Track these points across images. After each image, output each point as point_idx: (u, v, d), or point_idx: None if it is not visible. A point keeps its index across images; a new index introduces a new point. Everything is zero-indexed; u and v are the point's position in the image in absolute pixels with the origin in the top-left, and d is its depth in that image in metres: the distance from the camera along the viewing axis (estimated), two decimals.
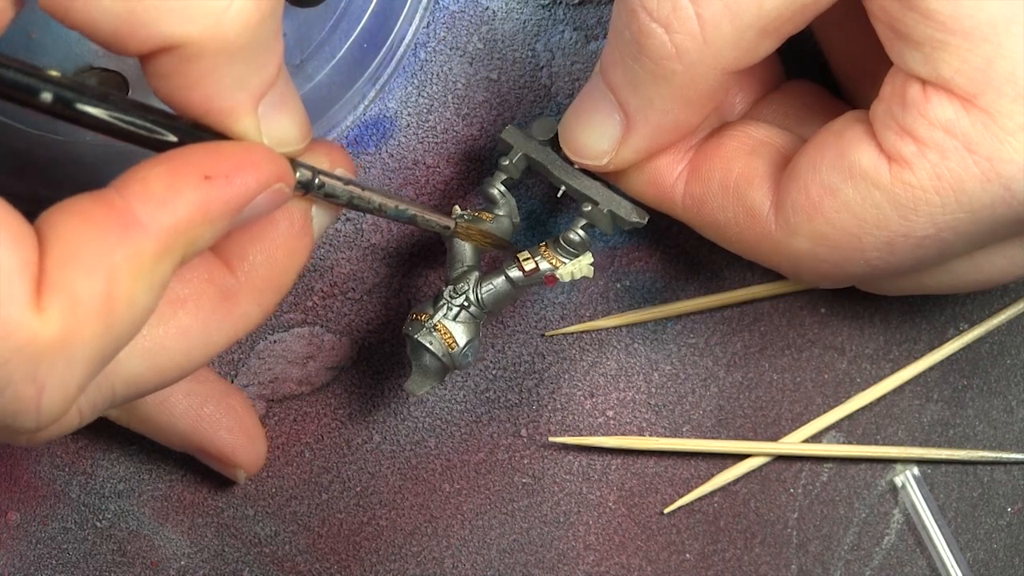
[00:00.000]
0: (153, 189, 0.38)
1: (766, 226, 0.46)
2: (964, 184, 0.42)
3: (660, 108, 0.46)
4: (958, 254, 0.45)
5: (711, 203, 0.47)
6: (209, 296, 0.42)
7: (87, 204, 0.37)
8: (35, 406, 0.37)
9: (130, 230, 0.37)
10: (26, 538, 0.55)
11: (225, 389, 0.53)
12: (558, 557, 0.56)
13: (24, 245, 0.36)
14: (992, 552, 0.57)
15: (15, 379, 0.36)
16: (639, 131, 0.47)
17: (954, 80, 0.42)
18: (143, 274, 0.37)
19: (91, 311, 0.36)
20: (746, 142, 0.47)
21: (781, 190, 0.45)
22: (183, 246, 0.38)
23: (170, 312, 0.41)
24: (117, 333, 0.37)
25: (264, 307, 0.43)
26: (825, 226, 0.44)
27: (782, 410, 0.56)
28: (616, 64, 0.46)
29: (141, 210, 0.37)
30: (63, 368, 0.36)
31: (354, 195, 0.44)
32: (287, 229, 0.43)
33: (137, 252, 0.37)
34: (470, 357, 0.49)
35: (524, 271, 0.49)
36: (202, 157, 0.39)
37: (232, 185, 0.39)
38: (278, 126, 0.42)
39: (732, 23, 0.43)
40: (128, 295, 0.37)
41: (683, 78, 0.45)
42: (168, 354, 0.41)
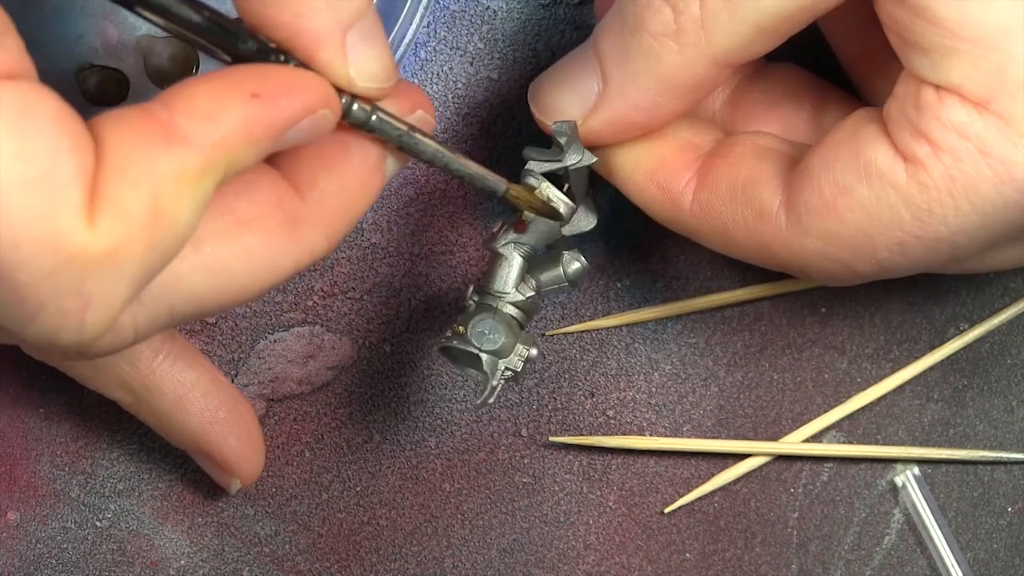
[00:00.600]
0: (199, 105, 0.37)
1: (776, 226, 0.46)
2: (978, 187, 0.42)
3: (642, 86, 0.46)
4: (970, 255, 0.45)
5: (719, 207, 0.47)
6: (277, 220, 0.41)
7: (135, 116, 0.37)
8: (79, 321, 0.36)
9: (175, 144, 0.37)
10: (26, 538, 0.55)
11: (238, 398, 0.53)
12: (558, 557, 0.56)
13: (83, 152, 0.35)
14: (992, 552, 0.57)
15: (61, 292, 0.35)
16: (613, 104, 0.46)
17: (965, 86, 0.42)
18: (187, 190, 0.37)
19: (139, 225, 0.36)
20: (752, 147, 0.47)
21: (793, 189, 0.45)
22: (225, 164, 0.38)
23: (236, 232, 0.40)
24: (162, 249, 0.37)
25: (330, 239, 0.42)
26: (838, 226, 0.44)
27: (782, 410, 0.56)
28: (611, 34, 0.46)
29: (186, 125, 0.37)
30: (109, 283, 0.36)
31: (406, 140, 0.43)
32: (361, 163, 0.43)
33: (182, 167, 0.37)
34: (489, 334, 0.47)
35: (494, 232, 0.48)
36: (249, 76, 0.39)
37: (278, 106, 0.38)
38: (365, 60, 0.41)
39: (730, 13, 0.44)
40: (172, 211, 0.36)
41: (675, 60, 0.45)
42: (231, 274, 0.40)
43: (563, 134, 0.47)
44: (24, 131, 0.34)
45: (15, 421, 0.55)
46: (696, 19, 0.44)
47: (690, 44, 0.44)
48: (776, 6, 0.43)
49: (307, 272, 0.55)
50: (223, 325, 0.55)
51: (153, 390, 0.51)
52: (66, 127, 0.35)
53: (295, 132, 0.39)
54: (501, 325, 0.48)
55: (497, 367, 0.48)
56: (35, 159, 0.34)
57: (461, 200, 0.55)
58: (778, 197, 0.46)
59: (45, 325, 0.36)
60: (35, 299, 0.35)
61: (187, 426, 0.52)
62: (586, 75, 0.47)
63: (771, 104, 0.50)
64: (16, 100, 0.35)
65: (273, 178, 0.42)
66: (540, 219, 0.48)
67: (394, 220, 0.55)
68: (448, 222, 0.55)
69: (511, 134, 0.55)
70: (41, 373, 0.55)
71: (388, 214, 0.55)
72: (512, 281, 0.48)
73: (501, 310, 0.48)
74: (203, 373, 0.52)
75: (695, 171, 0.48)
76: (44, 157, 0.35)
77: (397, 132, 0.42)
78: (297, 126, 0.39)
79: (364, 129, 0.42)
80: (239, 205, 0.40)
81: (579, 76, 0.47)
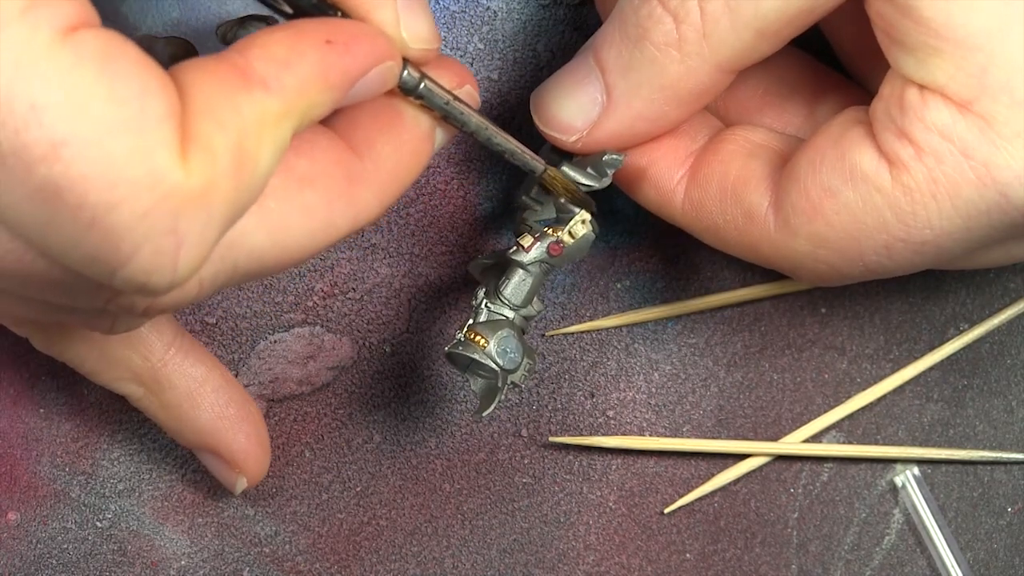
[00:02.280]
0: (275, 51, 0.38)
1: (765, 227, 0.46)
2: (960, 189, 0.42)
3: (647, 96, 0.46)
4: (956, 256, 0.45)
5: (710, 207, 0.47)
6: (336, 178, 0.42)
7: (214, 64, 0.37)
8: (173, 261, 0.36)
9: (255, 89, 0.37)
10: (26, 538, 0.55)
11: (246, 396, 0.53)
12: (558, 557, 0.56)
13: (169, 94, 0.36)
14: (992, 552, 0.57)
15: (156, 231, 0.35)
16: (618, 115, 0.47)
17: (949, 86, 0.42)
18: (268, 134, 0.37)
19: (227, 165, 0.36)
20: (744, 145, 0.48)
21: (780, 191, 0.45)
22: (303, 109, 0.38)
23: (297, 189, 0.41)
24: (247, 190, 0.37)
25: (383, 200, 0.43)
26: (824, 228, 0.44)
27: (782, 410, 0.56)
28: (612, 45, 0.46)
29: (265, 70, 0.37)
30: (201, 221, 0.36)
31: (451, 109, 0.44)
32: (413, 127, 0.44)
33: (263, 110, 0.37)
34: (512, 354, 0.48)
35: (524, 247, 0.49)
36: (321, 26, 0.39)
37: (351, 53, 0.39)
38: (415, 21, 0.42)
39: (731, 20, 0.44)
40: (255, 153, 0.37)
41: (678, 69, 0.45)
42: (291, 232, 0.40)
43: (615, 166, 0.48)
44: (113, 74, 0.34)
45: (15, 421, 0.55)
46: (698, 28, 0.44)
47: (693, 53, 0.44)
48: (776, 11, 0.43)
49: (307, 272, 0.55)
50: (223, 325, 0.55)
51: (164, 383, 0.51)
52: (150, 70, 0.35)
53: (363, 84, 0.40)
54: (522, 344, 0.48)
55: (507, 381, 0.48)
56: (126, 101, 0.35)
57: (461, 200, 0.55)
58: (767, 198, 0.46)
59: (139, 266, 0.36)
60: (130, 241, 0.35)
61: (197, 421, 0.52)
62: (589, 85, 0.47)
63: (767, 94, 0.50)
64: (100, 45, 0.35)
65: (331, 137, 0.42)
66: (574, 244, 0.48)
67: (394, 220, 0.55)
68: (448, 222, 0.55)
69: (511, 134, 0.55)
70: (41, 373, 0.55)
71: (388, 214, 0.55)
72: (530, 296, 0.49)
73: (515, 322, 0.48)
74: (214, 369, 0.52)
75: (687, 168, 0.48)
76: (134, 98, 0.35)
77: (444, 100, 0.44)
78: (366, 77, 0.40)
79: (413, 96, 0.43)
80: (300, 163, 0.41)
81: (581, 87, 0.47)
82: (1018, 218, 0.43)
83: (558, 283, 0.56)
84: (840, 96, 0.50)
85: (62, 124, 0.34)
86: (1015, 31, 0.41)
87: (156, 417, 0.52)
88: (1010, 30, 0.41)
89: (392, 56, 0.41)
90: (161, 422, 0.53)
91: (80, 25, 0.35)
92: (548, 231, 0.48)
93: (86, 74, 0.34)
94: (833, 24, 0.51)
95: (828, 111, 0.49)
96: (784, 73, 0.50)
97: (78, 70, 0.34)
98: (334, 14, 0.41)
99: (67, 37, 0.34)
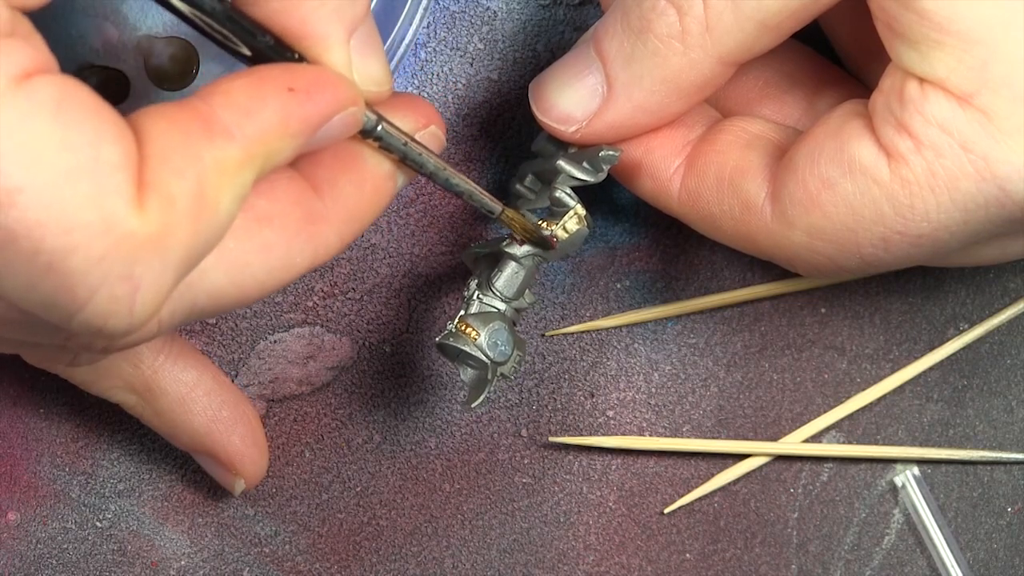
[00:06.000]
0: (237, 98, 0.38)
1: (762, 218, 0.46)
2: (959, 182, 0.42)
3: (648, 88, 0.46)
4: (952, 250, 0.45)
5: (707, 196, 0.47)
6: (295, 217, 0.42)
7: (173, 110, 0.37)
8: (129, 305, 0.36)
9: (217, 136, 0.37)
10: (26, 538, 0.55)
11: (241, 397, 0.53)
12: (558, 557, 0.56)
13: (126, 141, 0.36)
14: (992, 552, 0.57)
15: (111, 276, 0.36)
16: (619, 106, 0.47)
17: (949, 79, 0.42)
18: (228, 181, 0.37)
19: (186, 211, 0.36)
20: (741, 135, 0.48)
21: (778, 182, 0.45)
22: (264, 157, 0.38)
23: (256, 228, 0.41)
24: (205, 236, 0.37)
25: (344, 238, 0.43)
26: (822, 220, 0.44)
27: (782, 410, 0.56)
28: (614, 36, 0.46)
29: (226, 117, 0.37)
30: (158, 267, 0.36)
31: (409, 151, 0.44)
32: (375, 166, 0.43)
33: (224, 158, 0.37)
34: (502, 347, 0.48)
35: (518, 240, 0.49)
36: (283, 73, 0.39)
37: (313, 101, 0.39)
38: (367, 62, 0.42)
39: (734, 13, 0.44)
40: (215, 199, 0.37)
41: (681, 61, 0.45)
42: (251, 270, 0.41)
43: (611, 161, 0.48)
44: (67, 121, 0.35)
45: (15, 421, 0.55)
46: (701, 20, 0.44)
47: (696, 45, 0.45)
48: (779, 4, 0.43)
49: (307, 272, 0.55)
50: (223, 325, 0.55)
51: (156, 390, 0.51)
52: (105, 116, 0.36)
53: (327, 130, 0.40)
54: (513, 337, 0.48)
55: (496, 373, 0.48)
56: (80, 147, 0.35)
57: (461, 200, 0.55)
58: (764, 189, 0.46)
59: (96, 310, 0.36)
60: (86, 285, 0.36)
61: (191, 426, 0.52)
62: (589, 76, 0.47)
63: (766, 85, 0.51)
64: (54, 92, 0.35)
65: (292, 176, 0.42)
66: (568, 239, 0.48)
67: (394, 220, 0.55)
68: (448, 222, 0.55)
69: (511, 134, 0.55)
70: (41, 373, 0.55)
71: (388, 214, 0.55)
72: (522, 289, 0.49)
73: (506, 315, 0.48)
74: (205, 372, 0.52)
75: (684, 158, 0.48)
76: (89, 145, 0.35)
77: (402, 143, 0.43)
78: (329, 124, 0.40)
79: (370, 138, 0.43)
80: (260, 202, 0.41)
81: (582, 77, 0.47)
82: (1016, 212, 0.43)
83: (558, 283, 0.56)
84: (839, 90, 0.50)
85: (17, 171, 0.34)
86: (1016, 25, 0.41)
87: (151, 423, 0.53)
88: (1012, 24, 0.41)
89: (355, 102, 0.41)
90: (156, 428, 0.53)
91: (35, 71, 0.35)
92: (542, 224, 0.48)
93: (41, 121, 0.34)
94: (833, 19, 0.51)
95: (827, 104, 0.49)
96: (784, 66, 0.51)
97: (33, 118, 0.34)
98: (291, 56, 0.41)
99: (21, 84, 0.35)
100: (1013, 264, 0.57)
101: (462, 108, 0.55)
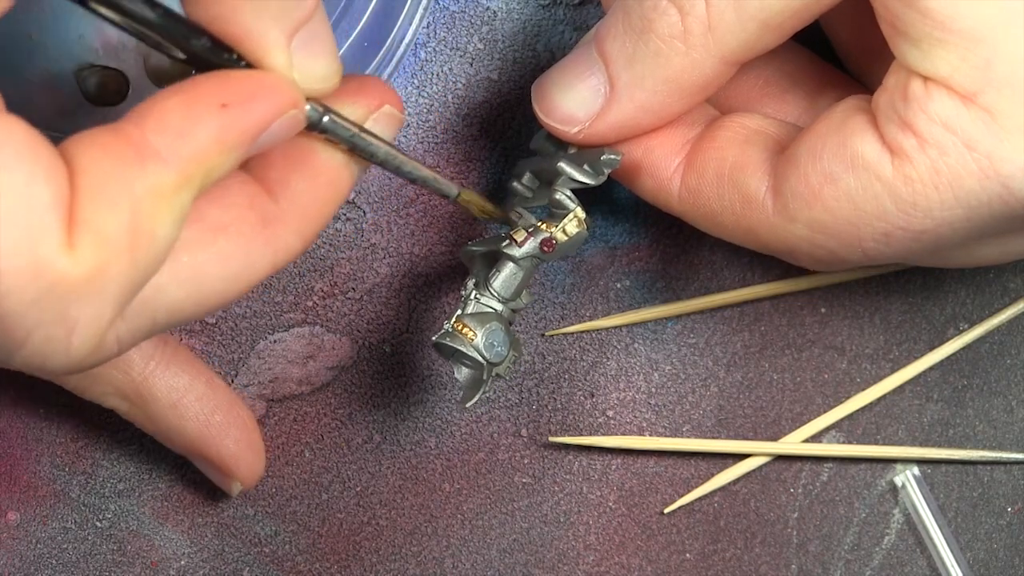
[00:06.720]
0: (170, 120, 0.37)
1: (762, 212, 0.46)
2: (962, 180, 0.42)
3: (650, 88, 0.46)
4: (954, 247, 0.46)
5: (707, 192, 0.47)
6: (251, 222, 0.41)
7: (106, 137, 0.37)
8: (65, 346, 0.37)
9: (149, 162, 0.37)
10: (26, 538, 0.55)
11: (234, 400, 0.53)
12: (558, 557, 0.56)
13: (58, 178, 0.35)
14: (992, 552, 0.57)
15: (46, 320, 0.36)
16: (621, 107, 0.47)
17: (953, 78, 0.42)
18: (165, 206, 0.37)
19: (119, 246, 0.36)
20: (740, 131, 0.48)
21: (779, 176, 0.45)
22: (202, 176, 0.38)
23: (211, 238, 0.40)
24: (143, 266, 0.37)
25: (304, 237, 0.43)
26: (824, 214, 0.45)
27: (782, 410, 0.56)
28: (616, 37, 0.46)
29: (159, 141, 0.37)
30: (93, 307, 0.36)
31: (358, 141, 0.43)
32: (327, 160, 0.43)
33: (158, 183, 0.37)
34: (498, 347, 0.48)
35: (517, 241, 0.49)
36: (217, 85, 0.39)
37: (249, 113, 0.39)
38: (309, 62, 0.41)
39: (736, 13, 0.44)
40: (151, 228, 0.37)
41: (683, 61, 0.45)
42: (209, 281, 0.40)
43: (612, 166, 0.47)
44: None
45: (15, 421, 0.55)
46: (703, 20, 0.44)
47: (698, 45, 0.45)
48: (782, 3, 0.43)
49: (307, 272, 0.55)
50: (223, 325, 0.55)
51: (147, 396, 0.51)
52: (38, 154, 0.35)
53: (267, 135, 0.39)
54: (509, 337, 0.48)
55: (492, 373, 0.48)
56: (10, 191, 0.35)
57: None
58: (765, 183, 0.46)
59: (33, 352, 0.37)
60: (22, 328, 0.36)
61: (183, 431, 0.52)
62: (591, 77, 0.47)
63: (767, 84, 0.51)
64: None
65: (243, 180, 0.42)
66: (567, 242, 0.48)
67: (394, 220, 0.55)
68: (448, 222, 0.55)
69: (511, 134, 0.55)
70: None
71: (388, 214, 0.55)
72: (519, 289, 0.49)
73: (502, 315, 0.48)
74: (197, 376, 0.52)
75: (683, 156, 0.48)
76: (19, 188, 0.35)
77: (349, 133, 0.43)
78: (269, 130, 0.39)
79: (317, 130, 0.42)
80: (212, 211, 0.41)
81: (584, 78, 0.47)
82: (1019, 209, 0.43)
83: (558, 283, 0.56)
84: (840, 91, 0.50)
85: None
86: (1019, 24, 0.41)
87: (144, 428, 0.53)
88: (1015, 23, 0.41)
89: (295, 103, 0.40)
90: (150, 432, 0.53)
91: None
92: (541, 226, 0.48)
93: None
94: (834, 19, 0.51)
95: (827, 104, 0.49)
96: (784, 65, 0.51)
97: None
98: (229, 58, 0.40)
99: None
100: (1013, 264, 0.57)
101: (462, 108, 0.55)
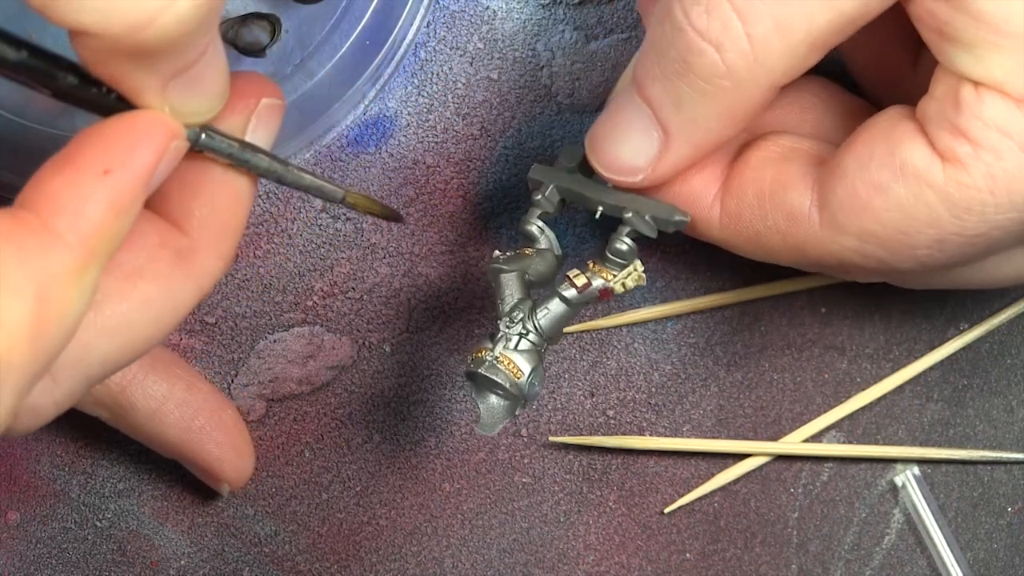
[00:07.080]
0: (62, 201, 0.37)
1: (810, 227, 0.45)
2: (1019, 184, 0.42)
3: (704, 126, 0.45)
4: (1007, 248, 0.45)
5: (748, 215, 0.47)
6: (166, 260, 0.41)
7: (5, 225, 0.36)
8: None
9: (51, 246, 0.36)
10: (26, 538, 0.55)
11: (219, 403, 0.53)
12: (558, 557, 0.56)
13: None
14: (992, 552, 0.57)
15: None
16: (680, 148, 0.46)
17: (1008, 82, 0.42)
18: (73, 285, 0.37)
19: (22, 334, 0.36)
20: (774, 151, 0.47)
21: (825, 189, 0.45)
22: (106, 245, 0.37)
23: (129, 286, 0.40)
24: (50, 347, 0.37)
25: (224, 256, 0.43)
26: (874, 224, 0.44)
27: (782, 410, 0.56)
28: (656, 80, 0.45)
29: (57, 223, 0.37)
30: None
31: (237, 155, 0.42)
32: (221, 174, 0.43)
33: (63, 265, 0.36)
34: (537, 386, 0.47)
35: (577, 287, 0.48)
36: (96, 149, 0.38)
37: (132, 170, 0.38)
38: (186, 102, 0.40)
39: (783, 40, 0.43)
40: (60, 309, 0.36)
41: (732, 96, 0.44)
42: (136, 327, 0.40)
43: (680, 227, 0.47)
44: None
45: None
46: (746, 54, 0.43)
47: (745, 79, 0.43)
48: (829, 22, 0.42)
49: (307, 272, 0.55)
50: (223, 325, 0.55)
51: (126, 405, 0.51)
52: None
53: (156, 177, 0.39)
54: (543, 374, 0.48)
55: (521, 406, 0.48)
56: None
57: (461, 200, 0.55)
58: (808, 197, 0.45)
59: None
60: None
61: (165, 437, 0.52)
62: (642, 125, 0.46)
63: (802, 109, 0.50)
64: None
65: (149, 218, 0.42)
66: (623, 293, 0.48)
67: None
68: (448, 222, 0.55)
69: (511, 134, 0.55)
70: None
71: None
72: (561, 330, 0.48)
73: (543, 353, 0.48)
74: (176, 382, 0.52)
75: (720, 184, 0.47)
76: None
77: (228, 149, 0.42)
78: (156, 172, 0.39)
79: (195, 149, 0.41)
80: (124, 258, 0.41)
81: (635, 127, 0.46)
82: None
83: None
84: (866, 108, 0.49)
85: None
86: None
87: (129, 435, 0.53)
88: None
89: (174, 136, 0.39)
90: (135, 439, 0.53)
91: None
92: (600, 271, 0.48)
93: None
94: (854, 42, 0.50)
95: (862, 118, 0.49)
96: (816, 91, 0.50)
97: None
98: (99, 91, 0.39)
99: None
100: None
101: (462, 108, 0.55)
